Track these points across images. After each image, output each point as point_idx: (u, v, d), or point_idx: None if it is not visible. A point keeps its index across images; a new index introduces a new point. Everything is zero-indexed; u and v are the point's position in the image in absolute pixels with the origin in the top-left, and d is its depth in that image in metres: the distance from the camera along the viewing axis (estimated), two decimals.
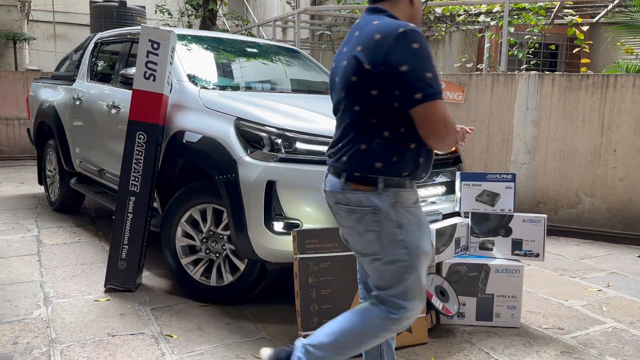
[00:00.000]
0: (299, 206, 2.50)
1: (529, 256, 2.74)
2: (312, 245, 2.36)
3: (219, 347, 2.41)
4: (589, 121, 4.69)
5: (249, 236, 2.54)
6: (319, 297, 2.33)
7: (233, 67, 3.75)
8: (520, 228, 2.75)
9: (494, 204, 2.79)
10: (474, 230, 2.83)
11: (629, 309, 3.04)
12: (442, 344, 2.53)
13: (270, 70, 3.94)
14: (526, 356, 2.43)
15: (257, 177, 2.49)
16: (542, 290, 3.34)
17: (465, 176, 2.83)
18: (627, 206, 4.60)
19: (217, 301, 2.87)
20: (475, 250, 2.83)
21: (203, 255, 2.90)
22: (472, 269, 2.72)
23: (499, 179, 2.79)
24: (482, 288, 2.73)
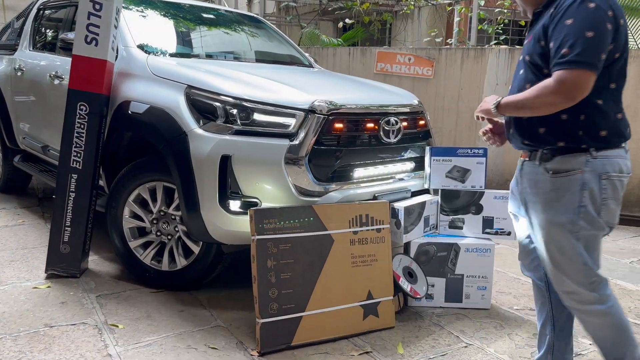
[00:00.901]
0: (257, 183, 2.29)
1: (501, 234, 2.61)
2: (270, 225, 2.16)
3: (170, 337, 2.20)
4: None
5: (202, 216, 2.32)
6: (279, 281, 2.15)
7: (190, 35, 3.47)
8: (492, 205, 2.61)
9: (464, 180, 2.65)
10: (443, 208, 2.68)
11: None
12: (410, 328, 2.39)
13: (231, 40, 3.67)
14: (497, 339, 2.32)
15: (210, 151, 2.26)
16: (512, 269, 3.24)
17: (435, 151, 2.67)
18: None
19: (170, 287, 2.65)
20: (445, 229, 2.69)
21: (153, 237, 2.66)
22: (441, 248, 2.58)
23: (470, 154, 2.64)
24: (451, 268, 2.59)
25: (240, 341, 2.20)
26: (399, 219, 2.50)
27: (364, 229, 2.36)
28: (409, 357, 2.13)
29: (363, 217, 2.36)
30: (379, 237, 2.39)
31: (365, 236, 2.36)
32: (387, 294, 2.38)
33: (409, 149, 2.73)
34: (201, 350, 2.12)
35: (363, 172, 2.52)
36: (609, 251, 3.66)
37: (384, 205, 2.42)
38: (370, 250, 2.36)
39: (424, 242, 2.58)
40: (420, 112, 2.82)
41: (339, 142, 2.43)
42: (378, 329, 2.34)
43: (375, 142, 2.55)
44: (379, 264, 2.37)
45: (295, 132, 2.31)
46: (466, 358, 2.15)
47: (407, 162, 2.74)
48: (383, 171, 2.61)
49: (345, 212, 2.32)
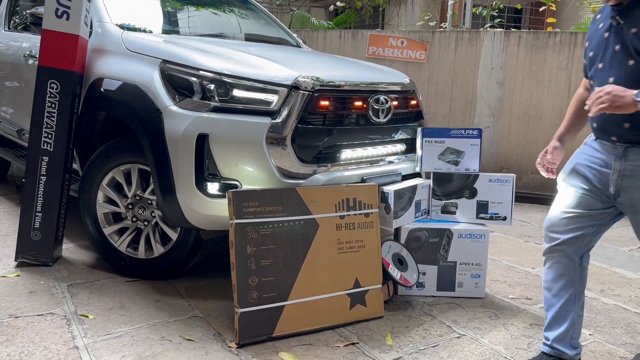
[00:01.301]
0: (236, 164, 2.14)
1: (496, 219, 2.48)
2: (251, 208, 2.02)
3: (143, 328, 2.06)
4: (556, 82, 4.47)
5: (178, 200, 2.17)
6: (259, 268, 2.00)
7: (174, 14, 3.29)
8: (487, 189, 2.48)
9: (458, 162, 2.51)
10: (435, 192, 2.54)
11: (599, 276, 2.85)
12: (399, 318, 2.26)
13: (218, 20, 3.49)
14: (492, 329, 2.19)
15: (186, 129, 2.11)
16: (507, 257, 3.12)
17: (428, 132, 2.53)
18: None
19: (147, 276, 2.51)
20: (437, 214, 2.55)
21: (129, 223, 2.51)
22: (433, 234, 2.44)
23: (464, 135, 2.50)
24: (443, 255, 2.46)
25: (218, 332, 2.06)
26: (389, 203, 2.37)
27: (351, 213, 2.22)
28: (398, 349, 2.00)
29: (350, 200, 2.22)
30: (367, 222, 2.25)
31: (353, 221, 2.22)
32: (376, 282, 2.25)
33: (400, 130, 2.58)
34: (175, 342, 1.98)
35: (351, 154, 2.37)
36: (607, 239, 3.54)
37: (373, 189, 2.28)
38: (358, 235, 2.22)
39: (415, 227, 2.45)
40: (411, 92, 2.67)
41: (324, 121, 2.28)
42: (366, 318, 2.21)
43: (363, 121, 2.40)
44: (367, 250, 2.24)
45: (278, 109, 2.16)
46: (459, 349, 2.02)
47: (398, 144, 2.60)
48: (372, 153, 2.46)
49: (331, 195, 2.18)
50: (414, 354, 1.97)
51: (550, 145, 2.03)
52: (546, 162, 2.02)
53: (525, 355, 1.99)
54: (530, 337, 2.13)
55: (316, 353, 1.94)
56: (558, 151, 2.00)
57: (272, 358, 1.89)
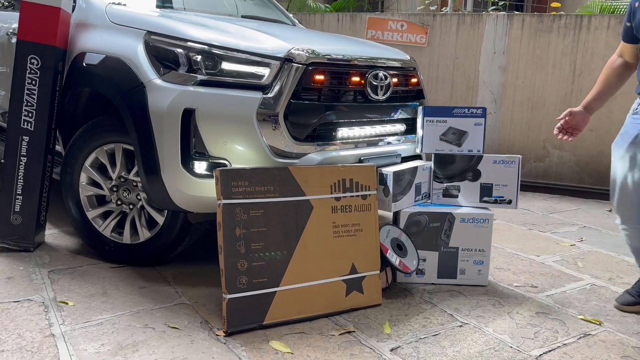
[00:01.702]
0: (225, 142, 2.01)
1: (500, 203, 2.35)
2: (240, 188, 1.89)
3: (125, 316, 1.94)
4: (560, 67, 4.34)
5: (163, 181, 2.04)
6: (249, 252, 1.88)
7: None
8: (491, 171, 2.35)
9: (460, 143, 2.38)
10: (437, 174, 2.41)
11: (606, 264, 2.72)
12: (398, 306, 2.13)
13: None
14: (496, 317, 2.07)
15: (171, 104, 1.98)
16: (510, 245, 2.99)
17: (429, 111, 2.39)
18: (597, 159, 4.31)
19: (132, 262, 2.38)
20: (438, 197, 2.43)
21: (113, 207, 2.38)
22: (434, 218, 2.32)
23: (468, 114, 2.37)
24: (445, 241, 2.33)
25: (205, 320, 1.94)
26: (388, 185, 2.24)
27: (347, 195, 2.09)
28: (397, 337, 1.88)
29: (347, 181, 2.09)
30: (365, 204, 2.12)
31: (349, 203, 2.09)
32: (373, 268, 2.12)
33: (400, 109, 2.45)
34: (159, 330, 1.85)
35: (347, 133, 2.24)
36: (613, 227, 3.42)
37: (371, 169, 2.15)
38: (355, 218, 2.10)
39: (415, 211, 2.32)
40: (412, 69, 2.54)
41: (320, 97, 2.15)
42: (362, 306, 2.08)
43: (361, 98, 2.27)
44: (364, 234, 2.11)
45: (270, 83, 2.02)
46: (461, 338, 1.90)
47: (397, 124, 2.47)
48: (370, 132, 2.33)
49: (327, 176, 2.05)
50: (413, 343, 1.84)
51: (576, 109, 1.93)
52: (569, 127, 1.91)
53: (532, 344, 1.87)
54: (536, 326, 2.01)
55: (309, 342, 1.82)
56: (585, 118, 1.92)
57: (262, 347, 1.77)
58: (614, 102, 4.10)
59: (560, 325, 2.03)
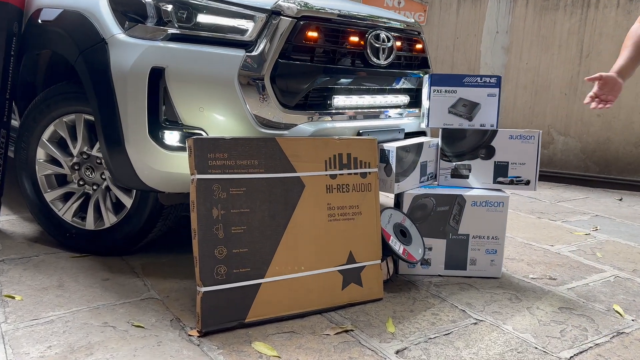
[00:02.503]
0: (201, 109, 1.71)
1: (517, 184, 2.08)
2: (218, 161, 1.59)
3: (81, 312, 1.64)
4: (566, 47, 4.08)
5: (127, 154, 1.74)
6: (229, 237, 1.58)
7: None
8: (506, 147, 2.07)
9: (472, 117, 2.10)
10: (445, 152, 2.14)
11: (627, 255, 2.47)
12: (402, 300, 1.85)
13: None
14: (515, 314, 1.79)
15: (136, 62, 1.67)
16: (520, 234, 2.73)
17: (437, 79, 2.11)
18: (604, 146, 4.07)
19: (97, 251, 2.08)
20: (446, 178, 2.15)
21: (75, 187, 2.07)
22: (441, 201, 2.04)
23: (480, 83, 2.09)
24: (454, 227, 2.06)
25: (176, 317, 1.64)
26: (390, 163, 1.95)
27: (344, 173, 1.80)
28: (403, 337, 1.60)
29: (344, 156, 1.80)
30: (364, 183, 1.84)
31: (347, 181, 1.80)
32: (374, 257, 1.84)
33: (403, 78, 2.17)
34: (121, 329, 1.55)
35: (344, 101, 1.96)
36: (628, 217, 3.17)
37: (371, 143, 1.86)
38: (353, 200, 1.81)
39: (421, 193, 2.04)
40: (416, 33, 2.25)
41: (312, 58, 1.85)
42: (362, 301, 1.80)
43: (360, 62, 1.98)
44: (363, 218, 1.83)
45: (254, 40, 1.73)
46: (477, 338, 1.62)
47: (400, 95, 2.18)
48: (370, 103, 2.05)
49: (321, 150, 1.76)
50: (422, 344, 1.56)
51: (608, 73, 1.68)
52: (603, 95, 1.65)
53: (560, 345, 1.60)
54: (562, 323, 1.74)
55: (299, 343, 1.53)
56: (618, 83, 1.66)
57: (243, 349, 1.48)
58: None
59: (589, 322, 1.76)
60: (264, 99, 1.72)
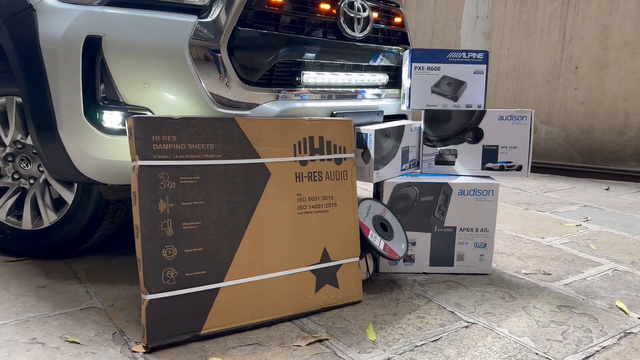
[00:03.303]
0: (147, 85, 1.46)
1: (508, 170, 1.89)
2: (165, 145, 1.35)
3: (7, 327, 1.38)
4: (548, 32, 3.93)
5: (61, 139, 1.48)
6: (180, 234, 1.34)
7: None
8: (496, 130, 1.88)
9: (457, 96, 1.90)
10: (428, 136, 1.93)
11: (623, 246, 2.30)
12: (384, 302, 1.64)
13: None
14: (510, 314, 1.60)
15: (69, 30, 1.42)
16: (508, 226, 2.55)
17: (418, 55, 1.90)
18: (588, 134, 3.93)
19: (36, 254, 1.81)
20: (430, 165, 1.94)
21: (9, 182, 1.81)
22: (425, 191, 1.83)
23: (466, 59, 1.89)
24: (439, 219, 1.85)
25: (120, 330, 1.39)
26: (368, 148, 1.74)
27: (316, 158, 1.57)
28: (386, 346, 1.38)
29: (315, 140, 1.58)
30: (339, 171, 1.62)
31: (319, 169, 1.58)
32: (351, 254, 1.62)
33: (381, 54, 1.95)
34: (51, 345, 1.30)
35: (315, 78, 1.73)
36: (617, 206, 3.02)
37: (347, 125, 1.64)
38: (327, 189, 1.59)
39: (402, 182, 1.83)
40: (395, 5, 2.04)
41: (278, 26, 1.62)
42: (338, 304, 1.58)
43: (332, 34, 1.76)
44: (338, 210, 1.60)
45: (208, 4, 1.49)
46: (470, 343, 1.42)
47: (379, 74, 1.97)
48: (345, 80, 1.83)
49: (288, 132, 1.53)
50: (408, 354, 1.35)
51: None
52: None
53: (562, 349, 1.41)
54: (563, 324, 1.55)
55: (265, 357, 1.30)
56: None
57: None
58: (607, 70, 3.72)
59: (592, 322, 1.57)
60: (221, 73, 1.48)
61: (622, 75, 3.74)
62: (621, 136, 3.81)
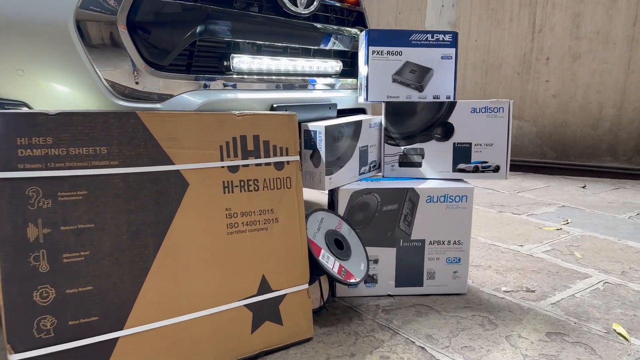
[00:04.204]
0: (21, 71, 1.11)
1: (484, 171, 1.60)
2: (36, 150, 1.00)
3: None
4: (518, 21, 3.71)
5: None
6: (60, 269, 1.00)
7: None
8: (468, 124, 1.59)
9: (422, 86, 1.61)
10: (390, 133, 1.63)
11: (610, 252, 2.06)
12: (340, 338, 1.33)
13: None
14: (492, 348, 1.31)
15: None
16: (482, 232, 2.28)
17: (376, 37, 1.60)
18: (561, 129, 3.73)
19: None
20: (394, 167, 1.65)
21: None
22: (388, 198, 1.53)
23: (432, 42, 1.60)
24: (405, 231, 1.56)
25: None
26: (318, 149, 1.43)
27: (250, 163, 1.25)
28: None
29: (249, 140, 1.25)
30: (281, 177, 1.30)
31: (254, 176, 1.25)
32: (298, 280, 1.31)
33: (333, 36, 1.64)
34: None
35: (250, 64, 1.41)
36: (596, 206, 2.80)
37: (290, 120, 1.32)
38: (265, 201, 1.27)
39: (361, 189, 1.52)
40: None
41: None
42: (281, 345, 1.27)
43: (271, 9, 1.44)
44: (281, 227, 1.29)
45: None
46: None
47: (331, 60, 1.66)
48: (288, 67, 1.51)
49: (213, 130, 1.21)
50: None
51: None
52: None
53: None
54: (555, 358, 1.27)
55: None
56: None
57: None
58: (579, 61, 3.52)
59: (589, 355, 1.30)
60: (119, 54, 1.14)
61: (594, 66, 3.55)
62: (595, 130, 3.61)
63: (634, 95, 3.47)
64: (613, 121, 3.55)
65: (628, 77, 3.47)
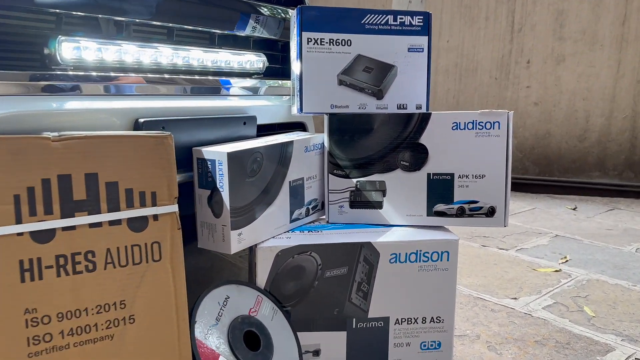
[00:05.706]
0: None
1: (473, 214, 1.10)
2: None
3: None
4: (495, 20, 3.27)
5: None
6: None
7: None
8: (448, 146, 1.09)
9: (382, 91, 1.10)
10: (337, 160, 1.11)
11: (628, 307, 1.59)
12: None
13: None
14: None
15: None
16: (465, 279, 1.79)
17: (312, 19, 1.08)
18: (544, 141, 3.31)
19: None
20: (343, 210, 1.13)
21: None
22: (333, 258, 1.01)
23: (394, 27, 1.10)
24: (359, 306, 1.04)
25: None
26: (219, 188, 0.90)
27: (80, 223, 0.71)
28: None
29: (75, 182, 0.72)
30: (140, 245, 0.76)
31: (86, 245, 0.72)
32: None
33: (252, 17, 1.12)
34: None
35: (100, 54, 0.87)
36: (595, 234, 2.35)
37: (159, 146, 0.79)
38: (107, 290, 0.73)
39: (292, 246, 1.00)
40: None
41: None
42: None
43: None
44: (137, 331, 0.75)
45: None
46: None
47: (249, 52, 1.14)
48: (171, 60, 0.98)
49: (4, 167, 0.66)
50: None
51: None
52: None
53: None
54: None
55: None
56: None
57: None
58: (563, 64, 3.10)
59: None
60: None
61: (580, 70, 3.14)
62: (581, 142, 3.20)
63: (624, 102, 3.07)
64: (601, 131, 3.15)
65: (617, 82, 3.07)
